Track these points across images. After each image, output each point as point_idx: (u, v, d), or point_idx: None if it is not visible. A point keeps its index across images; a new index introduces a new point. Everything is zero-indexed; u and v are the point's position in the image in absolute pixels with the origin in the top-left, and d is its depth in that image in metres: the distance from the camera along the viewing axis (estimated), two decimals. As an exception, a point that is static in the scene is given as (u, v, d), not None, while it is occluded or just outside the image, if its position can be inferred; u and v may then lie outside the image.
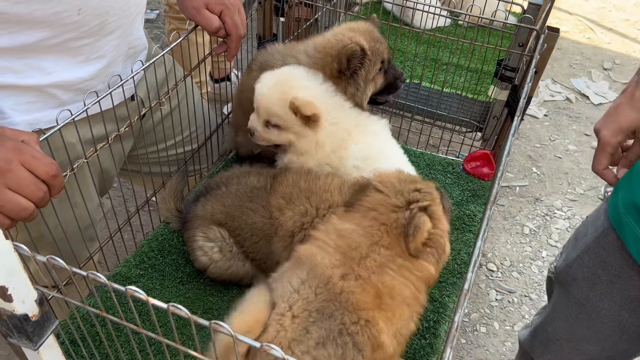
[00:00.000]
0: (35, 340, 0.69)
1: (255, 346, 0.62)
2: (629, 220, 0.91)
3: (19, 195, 0.79)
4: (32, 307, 0.65)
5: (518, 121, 1.00)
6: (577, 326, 1.08)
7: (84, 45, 0.99)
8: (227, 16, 1.20)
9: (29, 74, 0.95)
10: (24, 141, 0.82)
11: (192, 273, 1.22)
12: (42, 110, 0.99)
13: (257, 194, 1.16)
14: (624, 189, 0.93)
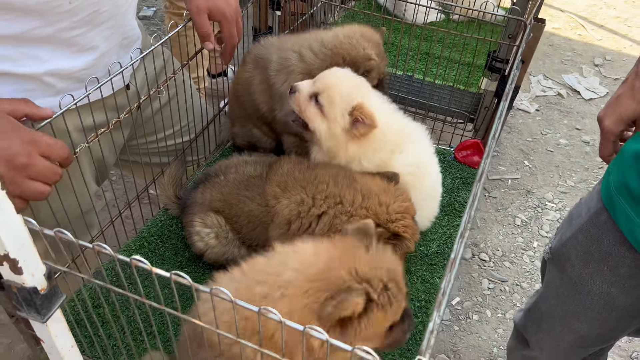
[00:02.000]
0: (43, 313, 0.71)
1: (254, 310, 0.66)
2: (620, 201, 0.95)
3: (38, 182, 0.87)
4: (40, 280, 0.68)
5: (504, 106, 1.04)
6: (569, 304, 1.12)
7: (76, 35, 1.02)
8: (225, 27, 1.27)
9: (25, 62, 0.98)
10: (27, 114, 0.88)
11: (191, 257, 1.25)
12: (42, 98, 1.02)
13: (253, 183, 1.20)
14: (615, 172, 0.97)
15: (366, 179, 1.15)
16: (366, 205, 1.10)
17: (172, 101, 1.37)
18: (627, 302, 1.01)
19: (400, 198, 1.14)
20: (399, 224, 1.11)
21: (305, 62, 1.31)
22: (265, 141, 1.50)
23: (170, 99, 1.36)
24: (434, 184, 1.29)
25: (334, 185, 1.13)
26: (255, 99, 1.40)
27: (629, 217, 0.92)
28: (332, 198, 1.12)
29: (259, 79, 1.38)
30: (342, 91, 1.17)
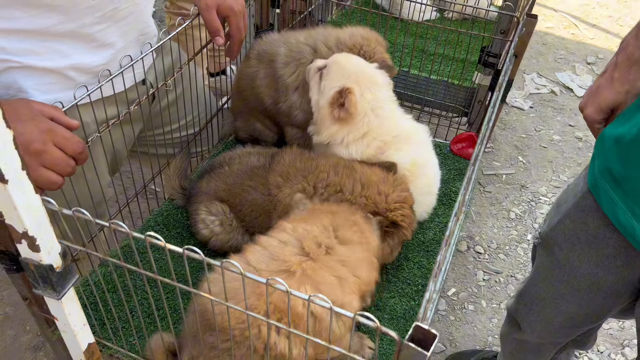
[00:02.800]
0: (58, 290, 0.75)
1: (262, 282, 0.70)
2: (604, 185, 0.98)
3: (51, 172, 0.91)
4: (56, 258, 0.72)
5: (498, 96, 1.09)
6: (558, 286, 1.17)
7: (98, 31, 1.07)
8: (232, 22, 1.30)
9: (49, 56, 1.03)
10: (53, 118, 0.91)
11: (195, 245, 1.28)
12: (62, 91, 1.06)
13: (256, 173, 1.24)
14: (599, 156, 1.01)
15: (365, 169, 1.19)
16: (365, 194, 1.15)
17: (179, 97, 1.42)
18: (612, 281, 1.06)
19: (399, 188, 1.18)
20: (397, 213, 1.15)
21: (319, 56, 1.36)
22: (268, 135, 1.55)
23: (177, 96, 1.41)
24: (431, 182, 1.33)
25: (335, 174, 1.18)
26: (260, 92, 1.45)
27: (612, 199, 0.96)
28: (333, 187, 1.17)
29: (263, 73, 1.43)
30: (342, 70, 1.25)
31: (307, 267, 0.88)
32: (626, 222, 0.95)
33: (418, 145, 1.29)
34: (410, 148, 1.26)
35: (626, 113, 0.96)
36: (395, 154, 1.24)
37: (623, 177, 0.94)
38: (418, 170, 1.25)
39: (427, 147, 1.33)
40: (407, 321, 1.16)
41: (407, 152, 1.24)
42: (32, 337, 1.89)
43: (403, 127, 1.28)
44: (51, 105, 0.94)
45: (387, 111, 1.28)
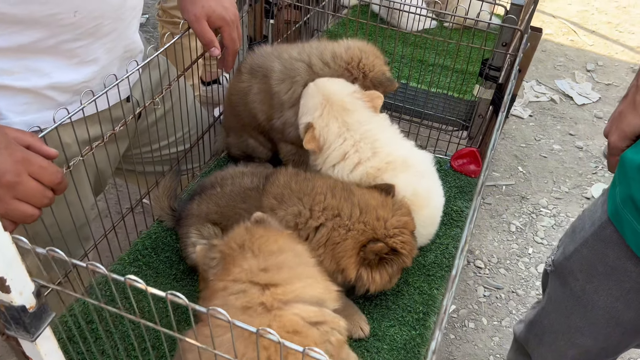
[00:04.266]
0: (32, 332, 0.70)
1: (252, 330, 0.64)
2: (627, 215, 0.92)
3: (26, 204, 0.85)
4: (29, 298, 0.66)
5: (502, 117, 1.03)
6: (573, 318, 1.11)
7: (79, 47, 1.01)
8: (225, 32, 1.25)
9: (25, 75, 0.97)
10: (30, 146, 0.85)
11: (185, 270, 1.23)
12: (39, 112, 1.00)
13: (249, 195, 1.18)
14: (621, 183, 0.95)
15: (364, 192, 1.14)
16: (364, 219, 1.09)
17: (168, 113, 1.35)
18: (632, 316, 1.01)
19: (399, 212, 1.13)
20: (396, 239, 1.10)
21: (313, 72, 1.31)
22: (261, 151, 1.49)
23: (166, 111, 1.34)
24: (434, 213, 1.28)
25: (332, 197, 1.12)
26: (253, 108, 1.39)
27: (636, 230, 0.91)
28: (330, 210, 1.11)
29: (257, 88, 1.37)
30: (310, 102, 1.25)
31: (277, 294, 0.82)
32: None
33: (419, 174, 1.22)
34: (410, 177, 1.20)
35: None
36: (391, 180, 1.18)
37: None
38: (421, 201, 1.19)
39: (430, 176, 1.26)
40: (407, 352, 1.10)
41: (406, 181, 1.18)
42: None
43: (399, 153, 1.22)
44: (27, 132, 0.88)
45: (369, 136, 1.23)
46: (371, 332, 1.13)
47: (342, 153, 1.22)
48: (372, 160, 1.20)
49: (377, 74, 1.31)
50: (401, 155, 1.22)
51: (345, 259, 1.09)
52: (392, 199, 1.15)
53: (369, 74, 1.31)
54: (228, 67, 1.32)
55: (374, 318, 1.17)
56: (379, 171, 1.20)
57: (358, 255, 1.09)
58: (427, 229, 1.28)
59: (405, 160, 1.21)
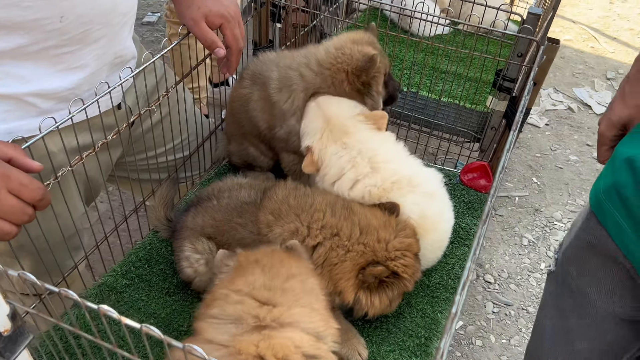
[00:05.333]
0: (7, 356, 0.67)
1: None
2: (610, 207, 0.91)
3: (4, 221, 0.81)
4: (3, 321, 0.63)
5: (514, 136, 0.97)
6: (569, 319, 1.09)
7: (65, 53, 0.96)
8: (227, 29, 1.19)
9: (5, 82, 0.92)
10: (12, 159, 0.82)
11: (179, 284, 1.19)
12: (22, 119, 0.96)
13: (246, 209, 1.14)
14: (606, 175, 0.94)
15: (365, 211, 1.08)
16: (364, 241, 1.04)
17: (165, 119, 1.31)
18: (627, 310, 0.96)
19: (402, 234, 1.07)
20: (398, 262, 1.04)
21: (306, 81, 1.26)
22: (262, 160, 1.44)
23: (163, 117, 1.30)
24: (443, 237, 1.22)
25: (331, 215, 1.07)
26: (254, 116, 1.34)
27: (620, 225, 0.88)
28: (329, 229, 1.06)
29: (257, 96, 1.32)
30: (310, 125, 1.22)
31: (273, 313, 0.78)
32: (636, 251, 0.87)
33: (428, 195, 1.16)
34: (418, 197, 1.14)
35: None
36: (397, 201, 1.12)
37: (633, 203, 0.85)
38: (429, 225, 1.13)
39: (440, 197, 1.20)
40: (407, 380, 1.05)
41: (413, 202, 1.12)
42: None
43: (404, 171, 1.16)
44: (10, 144, 0.84)
45: (366, 151, 1.18)
46: (370, 357, 1.08)
47: (339, 169, 1.17)
48: (373, 178, 1.15)
49: (355, 63, 1.23)
50: (407, 174, 1.16)
51: (343, 281, 1.04)
52: (395, 218, 1.09)
53: (348, 69, 1.23)
54: (232, 68, 1.27)
55: (373, 342, 1.11)
56: (384, 191, 1.14)
57: (357, 278, 1.04)
58: (434, 252, 1.23)
59: (411, 179, 1.15)
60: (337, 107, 1.22)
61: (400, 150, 1.22)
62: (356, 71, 1.22)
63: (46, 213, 0.99)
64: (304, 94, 1.27)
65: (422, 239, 1.11)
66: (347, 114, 1.21)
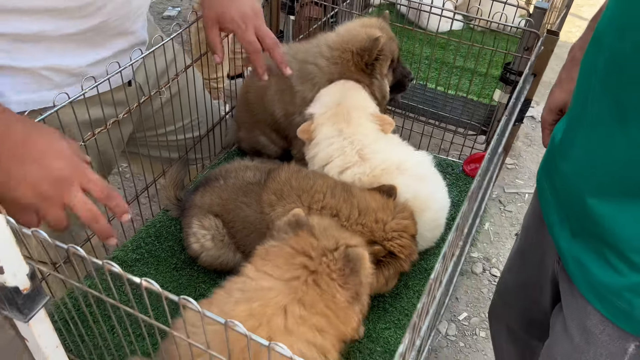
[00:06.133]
0: (25, 313, 0.71)
1: (220, 321, 0.64)
2: (542, 181, 1.01)
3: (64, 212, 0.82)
4: (23, 280, 0.68)
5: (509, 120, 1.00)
6: (519, 275, 1.25)
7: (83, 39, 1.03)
8: (237, 35, 1.20)
9: (20, 56, 0.98)
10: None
11: (186, 260, 1.25)
12: (37, 92, 1.02)
13: (251, 189, 1.19)
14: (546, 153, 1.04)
15: (364, 194, 1.12)
16: (362, 221, 1.08)
17: (174, 98, 1.36)
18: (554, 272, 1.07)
19: (399, 216, 1.11)
20: (395, 242, 1.08)
21: (323, 72, 1.30)
22: (271, 149, 1.49)
23: (172, 96, 1.35)
24: (437, 215, 1.25)
25: (331, 196, 1.12)
26: (271, 106, 1.39)
27: (545, 196, 0.99)
28: (329, 210, 1.10)
29: (275, 87, 1.36)
30: (321, 100, 1.26)
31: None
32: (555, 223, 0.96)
33: (418, 177, 1.20)
34: (408, 179, 1.18)
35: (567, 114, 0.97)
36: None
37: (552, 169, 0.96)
38: (421, 204, 1.17)
39: (431, 178, 1.24)
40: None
41: (404, 184, 1.16)
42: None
43: (394, 158, 1.20)
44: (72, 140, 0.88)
45: (358, 144, 1.22)
46: (365, 334, 1.12)
47: (328, 155, 1.22)
48: (362, 166, 1.19)
49: (360, 43, 1.26)
50: (396, 160, 1.20)
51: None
52: (393, 201, 1.13)
53: (353, 49, 1.27)
54: (257, 72, 1.27)
55: (369, 319, 1.15)
56: (374, 177, 1.18)
57: (354, 257, 1.08)
58: (432, 232, 1.26)
59: (400, 163, 1.19)
60: (356, 96, 1.26)
61: (393, 139, 1.26)
62: (360, 51, 1.25)
63: None
64: (327, 85, 1.31)
65: (418, 218, 1.15)
66: (360, 106, 1.25)
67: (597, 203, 0.79)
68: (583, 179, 0.82)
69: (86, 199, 0.82)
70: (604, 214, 0.79)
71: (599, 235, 0.81)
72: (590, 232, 0.83)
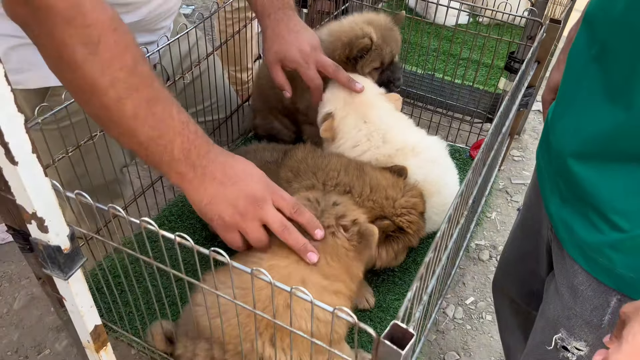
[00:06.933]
0: (65, 271, 0.78)
1: (246, 271, 0.71)
2: (539, 159, 1.07)
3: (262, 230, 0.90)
4: (64, 240, 0.74)
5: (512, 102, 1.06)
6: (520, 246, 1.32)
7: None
8: (301, 73, 1.25)
9: None
10: None
11: (207, 237, 1.32)
12: None
13: (269, 168, 1.26)
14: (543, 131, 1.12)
15: (376, 173, 1.19)
16: (373, 197, 1.14)
17: (196, 81, 1.43)
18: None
19: (409, 194, 1.17)
20: (403, 218, 1.14)
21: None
22: (285, 133, 1.57)
23: (194, 79, 1.42)
24: (446, 201, 1.29)
25: (345, 174, 1.18)
26: (279, 92, 1.46)
27: (542, 171, 1.05)
28: (342, 186, 1.17)
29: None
30: (333, 95, 1.30)
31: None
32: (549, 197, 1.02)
33: (430, 160, 1.26)
34: (421, 162, 1.24)
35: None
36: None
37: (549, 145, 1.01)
38: (432, 187, 1.23)
39: (442, 163, 1.30)
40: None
41: (416, 166, 1.22)
42: (56, 318, 1.97)
43: (409, 140, 1.26)
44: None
45: (384, 129, 1.27)
46: (376, 304, 1.19)
47: (354, 142, 1.27)
48: (382, 148, 1.26)
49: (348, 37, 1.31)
50: (411, 142, 1.26)
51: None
52: (403, 180, 1.19)
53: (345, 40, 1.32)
54: (314, 100, 1.33)
55: (380, 291, 1.22)
56: (389, 157, 1.24)
57: (366, 232, 1.15)
58: (439, 215, 1.31)
59: (415, 146, 1.25)
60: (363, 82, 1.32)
61: (410, 123, 1.32)
62: (347, 44, 1.31)
63: (90, 154, 1.12)
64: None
65: (428, 201, 1.21)
66: (370, 90, 1.31)
67: (582, 168, 0.87)
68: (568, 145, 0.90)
69: (279, 214, 0.89)
70: (587, 178, 0.86)
71: (584, 199, 0.88)
72: (576, 196, 0.91)
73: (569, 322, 0.96)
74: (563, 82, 0.96)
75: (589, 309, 0.92)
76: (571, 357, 0.96)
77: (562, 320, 0.97)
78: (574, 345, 0.95)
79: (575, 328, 0.95)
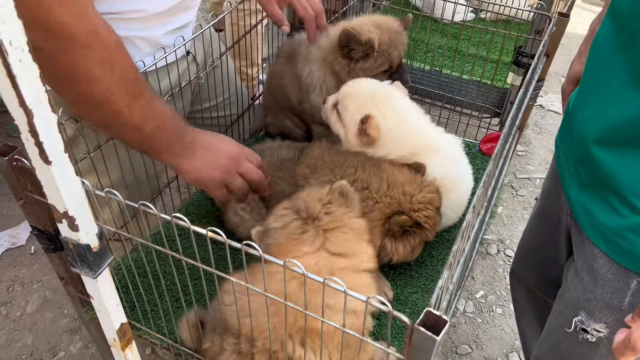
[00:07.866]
0: (94, 270, 0.78)
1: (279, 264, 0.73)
2: (558, 147, 1.11)
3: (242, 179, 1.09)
4: (93, 239, 0.75)
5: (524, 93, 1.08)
6: (538, 234, 1.33)
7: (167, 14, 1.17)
8: (295, 6, 1.31)
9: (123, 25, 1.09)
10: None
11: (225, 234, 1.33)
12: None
13: (285, 165, 1.27)
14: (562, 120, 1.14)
15: (393, 169, 1.20)
16: (390, 194, 1.16)
17: (209, 75, 1.44)
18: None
19: (426, 189, 1.18)
20: (420, 213, 1.15)
21: (320, 49, 1.38)
22: (296, 132, 1.58)
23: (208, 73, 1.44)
24: (462, 197, 1.32)
25: (362, 171, 1.19)
26: (287, 91, 1.48)
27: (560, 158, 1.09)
28: (360, 183, 1.18)
29: (290, 73, 1.46)
30: (357, 100, 1.27)
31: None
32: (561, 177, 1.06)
33: (449, 158, 1.27)
34: (441, 161, 1.25)
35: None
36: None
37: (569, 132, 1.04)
38: (449, 185, 1.24)
39: (460, 161, 1.31)
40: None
41: (436, 164, 1.23)
42: (70, 320, 1.98)
43: (431, 139, 1.28)
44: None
45: (410, 123, 1.28)
46: (394, 297, 1.21)
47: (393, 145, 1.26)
48: (406, 147, 1.26)
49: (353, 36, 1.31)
50: (432, 140, 1.27)
51: (371, 229, 1.16)
52: (421, 177, 1.20)
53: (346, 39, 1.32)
54: (309, 36, 1.37)
55: (397, 285, 1.23)
56: (412, 155, 1.25)
57: (383, 226, 1.15)
58: (454, 212, 1.32)
59: (435, 144, 1.27)
60: (371, 82, 1.32)
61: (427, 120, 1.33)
62: (343, 42, 1.31)
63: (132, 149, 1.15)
64: (318, 65, 1.38)
65: (443, 198, 1.23)
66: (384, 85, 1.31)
67: (604, 154, 0.89)
68: (591, 132, 0.92)
69: (252, 165, 1.10)
70: (609, 164, 0.88)
71: (604, 183, 0.90)
72: (596, 181, 0.93)
73: (589, 305, 0.98)
74: (586, 71, 0.98)
75: (609, 291, 0.93)
76: (590, 338, 0.98)
77: (582, 303, 0.99)
78: (594, 327, 0.97)
79: (596, 310, 0.97)
